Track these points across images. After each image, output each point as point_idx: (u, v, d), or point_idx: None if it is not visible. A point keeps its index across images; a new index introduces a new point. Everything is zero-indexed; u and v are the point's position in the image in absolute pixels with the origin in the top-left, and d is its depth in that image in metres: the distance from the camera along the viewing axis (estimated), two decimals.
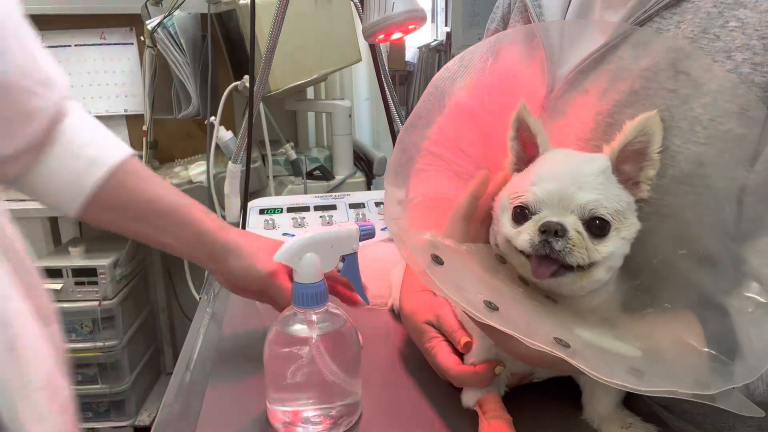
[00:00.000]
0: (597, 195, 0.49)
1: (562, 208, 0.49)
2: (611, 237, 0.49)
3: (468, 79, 0.62)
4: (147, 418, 2.11)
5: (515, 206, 0.52)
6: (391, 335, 0.78)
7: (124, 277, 2.02)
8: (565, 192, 0.49)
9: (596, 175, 0.50)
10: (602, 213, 0.48)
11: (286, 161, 1.88)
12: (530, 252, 0.50)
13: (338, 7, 1.73)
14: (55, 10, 1.99)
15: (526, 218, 0.50)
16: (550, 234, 0.48)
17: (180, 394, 0.64)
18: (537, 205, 0.50)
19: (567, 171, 0.50)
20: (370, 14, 0.80)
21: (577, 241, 0.48)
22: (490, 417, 0.56)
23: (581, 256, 0.48)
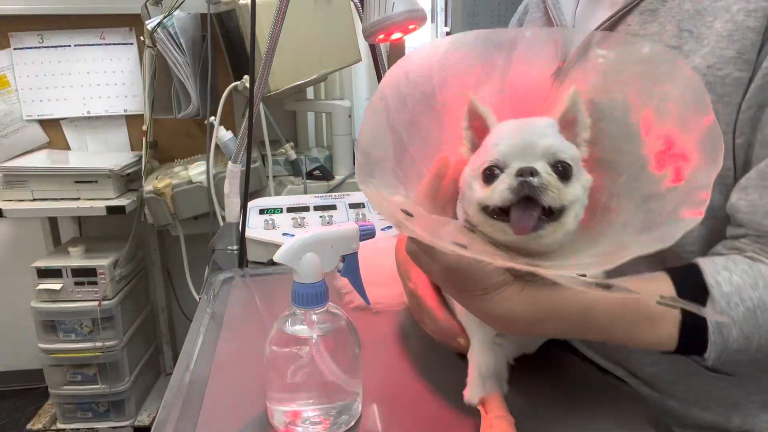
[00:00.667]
0: (556, 140, 0.53)
1: (528, 157, 0.52)
2: (573, 182, 0.53)
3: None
4: (147, 418, 2.11)
5: (485, 168, 0.54)
6: (391, 335, 0.78)
7: (123, 277, 2.02)
8: (527, 141, 0.53)
9: (549, 126, 0.55)
10: (564, 157, 0.52)
11: (286, 161, 1.88)
12: (510, 199, 0.51)
13: (338, 7, 1.73)
14: (55, 10, 2.00)
15: (497, 176, 0.53)
16: (526, 174, 0.51)
17: (180, 394, 0.64)
18: (505, 159, 0.53)
19: (523, 126, 0.55)
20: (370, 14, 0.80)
21: (550, 180, 0.51)
22: (494, 417, 0.57)
23: (554, 197, 0.50)
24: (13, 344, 2.36)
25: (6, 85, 2.07)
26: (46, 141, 2.14)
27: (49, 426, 2.10)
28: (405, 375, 0.68)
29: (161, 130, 2.09)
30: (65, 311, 1.94)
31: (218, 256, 1.11)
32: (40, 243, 2.17)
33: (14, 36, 2.05)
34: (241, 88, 1.62)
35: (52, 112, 2.11)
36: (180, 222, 1.85)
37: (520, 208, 0.51)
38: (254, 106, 1.05)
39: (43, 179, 1.89)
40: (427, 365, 0.69)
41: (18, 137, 2.11)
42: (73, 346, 1.97)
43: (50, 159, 2.05)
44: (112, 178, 1.88)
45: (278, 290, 0.94)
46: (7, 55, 2.06)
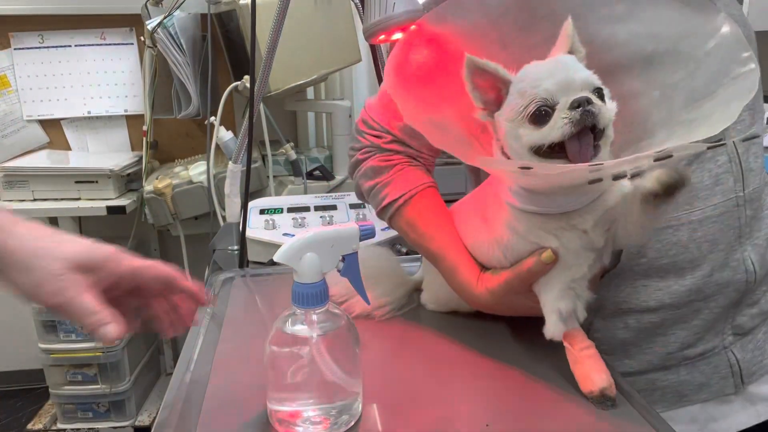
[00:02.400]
0: (588, 72, 0.57)
1: (571, 90, 0.55)
2: (607, 99, 0.57)
3: None
4: (147, 418, 2.11)
5: (534, 110, 0.56)
6: (390, 336, 0.78)
7: None
8: (567, 77, 0.56)
9: (576, 62, 0.58)
10: (599, 83, 0.57)
11: (286, 161, 1.88)
12: (571, 132, 0.54)
13: (338, 7, 1.73)
14: (55, 10, 2.00)
15: (548, 115, 0.55)
16: (584, 105, 0.53)
17: (180, 394, 0.64)
18: (553, 96, 0.55)
19: (554, 66, 0.57)
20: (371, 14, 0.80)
21: (600, 104, 0.55)
22: (578, 350, 0.60)
23: (608, 115, 0.55)
24: (14, 344, 2.36)
25: (6, 85, 2.07)
26: (47, 141, 2.14)
27: (49, 426, 2.10)
28: (405, 375, 0.68)
29: (161, 130, 2.09)
30: None
31: (219, 257, 1.12)
32: None
33: (15, 36, 2.05)
34: (241, 88, 1.62)
35: (53, 112, 2.12)
36: (180, 222, 1.85)
37: (575, 141, 0.54)
38: (254, 106, 1.06)
39: (44, 179, 1.89)
40: (428, 365, 0.69)
41: (18, 137, 2.11)
42: (73, 346, 1.97)
43: (51, 159, 2.05)
44: (112, 178, 1.88)
45: (278, 290, 0.94)
46: (8, 55, 2.06)
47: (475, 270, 0.68)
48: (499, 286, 0.64)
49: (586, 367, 0.60)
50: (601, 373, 0.59)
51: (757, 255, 0.73)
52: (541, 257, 0.59)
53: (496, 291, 0.65)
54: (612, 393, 0.59)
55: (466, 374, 0.67)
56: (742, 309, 0.75)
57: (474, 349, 0.71)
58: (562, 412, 0.60)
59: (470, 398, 0.64)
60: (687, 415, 0.76)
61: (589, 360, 0.60)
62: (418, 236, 0.74)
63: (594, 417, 0.58)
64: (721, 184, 0.71)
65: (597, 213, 0.58)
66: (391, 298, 0.79)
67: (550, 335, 0.62)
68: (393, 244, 1.09)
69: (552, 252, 0.59)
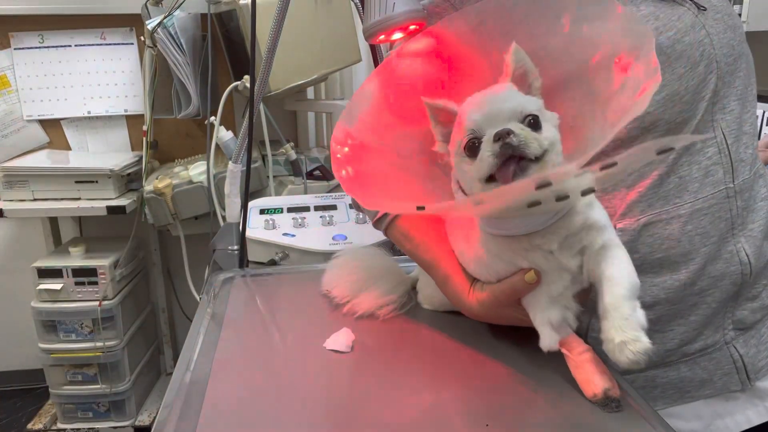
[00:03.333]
0: (521, 99, 0.58)
1: (499, 121, 0.56)
2: (545, 128, 0.57)
3: None
4: (147, 418, 2.11)
5: (467, 143, 0.58)
6: (389, 335, 0.78)
7: (124, 277, 2.03)
8: (495, 108, 0.57)
9: (509, 90, 0.59)
10: (531, 110, 0.57)
11: (286, 161, 1.88)
12: (495, 160, 0.55)
13: (338, 7, 1.73)
14: (55, 10, 2.00)
15: (478, 148, 0.57)
16: (504, 137, 0.54)
17: (180, 394, 0.64)
18: (480, 128, 0.57)
19: (485, 97, 0.59)
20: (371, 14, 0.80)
21: (526, 134, 0.55)
22: (577, 354, 0.61)
23: (535, 146, 0.55)
24: (14, 344, 2.37)
25: (6, 85, 2.08)
26: (47, 141, 2.14)
27: (49, 426, 2.10)
28: (405, 375, 0.68)
29: (161, 130, 2.09)
30: (66, 311, 1.94)
31: (219, 256, 1.11)
32: (40, 243, 2.18)
33: (15, 36, 2.05)
34: (241, 88, 1.62)
35: (53, 112, 2.12)
36: (180, 222, 1.85)
37: (502, 169, 0.55)
38: (254, 106, 1.05)
39: (44, 179, 1.89)
40: (427, 365, 0.69)
41: (18, 137, 2.11)
42: (73, 346, 1.97)
43: (51, 159, 2.05)
44: (112, 178, 1.88)
45: (278, 290, 0.94)
46: (8, 55, 2.06)
47: (466, 281, 0.69)
48: (488, 298, 0.66)
49: (587, 371, 0.60)
50: (602, 375, 0.59)
51: (752, 246, 0.73)
52: (524, 277, 0.61)
53: (485, 302, 0.66)
54: (615, 394, 0.58)
55: (466, 374, 0.67)
56: (742, 303, 0.75)
57: (474, 348, 0.71)
58: (562, 412, 0.60)
59: (470, 398, 0.64)
60: (691, 412, 0.76)
61: (589, 364, 0.60)
62: (412, 247, 0.76)
63: (594, 417, 0.58)
64: (710, 176, 0.70)
65: (560, 235, 0.59)
66: (393, 296, 0.80)
67: (546, 347, 0.62)
68: (393, 245, 1.09)
69: (534, 273, 0.60)
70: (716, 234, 0.71)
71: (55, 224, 2.18)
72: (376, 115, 0.71)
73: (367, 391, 0.61)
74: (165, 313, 2.36)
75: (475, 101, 0.60)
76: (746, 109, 0.74)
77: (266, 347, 0.76)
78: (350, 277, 0.83)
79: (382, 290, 0.80)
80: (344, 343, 0.72)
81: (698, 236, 0.71)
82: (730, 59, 0.71)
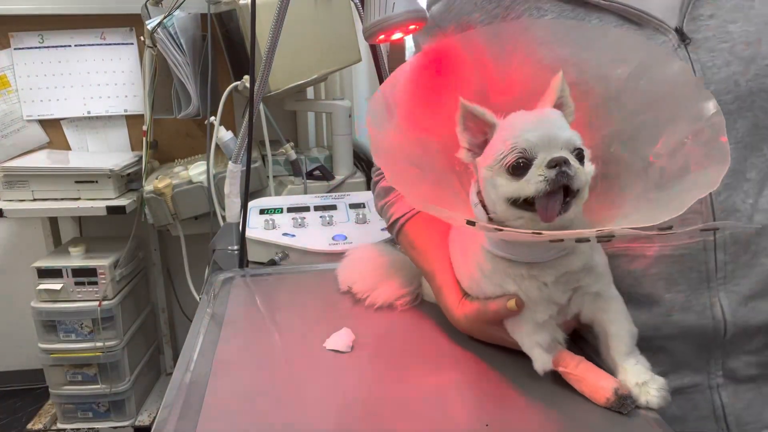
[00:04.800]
0: (572, 132, 0.58)
1: (552, 148, 0.56)
2: (586, 162, 0.58)
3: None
4: (147, 418, 2.11)
5: (513, 161, 0.56)
6: (390, 334, 0.78)
7: (124, 277, 2.02)
8: (550, 134, 0.56)
9: (562, 119, 0.59)
10: (580, 144, 0.57)
11: (286, 161, 1.88)
12: (548, 188, 0.54)
13: (338, 7, 1.73)
14: (55, 10, 2.00)
15: (526, 168, 0.56)
16: (561, 165, 0.54)
17: (180, 394, 0.64)
18: (532, 150, 0.56)
19: (541, 120, 0.58)
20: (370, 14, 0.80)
21: (578, 166, 0.55)
22: (574, 367, 0.60)
23: (584, 178, 0.55)
24: (14, 344, 2.37)
25: (6, 85, 2.07)
26: (47, 141, 2.14)
27: (49, 426, 2.10)
28: (405, 374, 0.68)
29: (161, 130, 2.09)
30: (65, 311, 1.94)
31: (218, 256, 1.11)
32: (40, 243, 2.18)
33: (15, 36, 2.05)
34: (241, 88, 1.62)
35: (53, 112, 2.12)
36: (180, 222, 1.85)
37: (544, 198, 0.55)
38: (254, 106, 1.05)
39: (44, 179, 1.89)
40: (428, 364, 0.69)
41: (18, 137, 2.11)
42: (73, 346, 1.97)
43: (50, 159, 2.05)
44: (112, 178, 1.88)
45: (278, 290, 0.94)
46: (8, 55, 2.06)
47: (457, 294, 0.69)
48: (473, 313, 0.66)
49: (590, 381, 0.59)
50: (606, 378, 0.59)
51: (733, 303, 0.66)
52: (507, 303, 0.61)
53: (470, 317, 0.67)
54: (625, 391, 0.58)
55: (467, 374, 0.67)
56: (736, 354, 0.69)
57: (474, 348, 0.71)
58: (562, 412, 0.60)
59: (470, 398, 0.64)
60: None
61: (589, 373, 0.60)
62: (416, 254, 0.78)
63: (594, 416, 0.58)
64: (687, 225, 0.63)
65: (559, 270, 0.59)
66: (409, 288, 0.83)
67: (541, 369, 0.61)
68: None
69: (516, 302, 0.60)
70: (685, 283, 0.67)
71: (55, 224, 2.18)
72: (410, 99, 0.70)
73: (367, 391, 0.61)
74: (165, 313, 2.36)
75: (529, 120, 0.58)
76: (753, 153, 0.66)
77: (266, 347, 0.76)
78: (367, 272, 0.85)
79: (398, 283, 0.82)
80: (344, 343, 0.72)
81: (662, 281, 0.67)
82: (728, 96, 0.65)
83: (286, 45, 1.19)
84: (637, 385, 0.59)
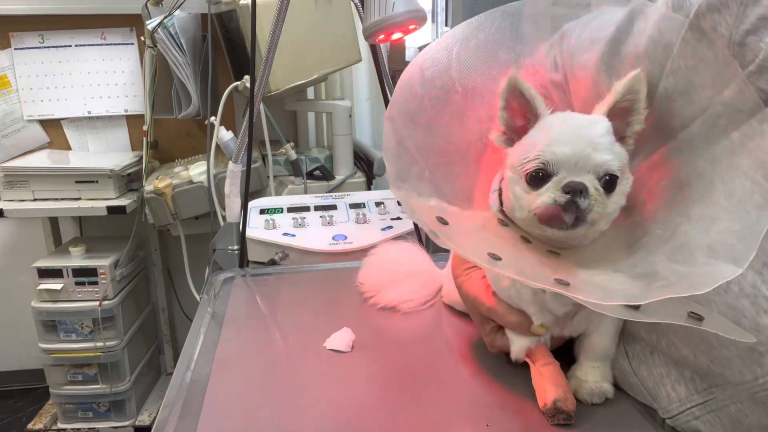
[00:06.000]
0: (610, 155, 0.51)
1: (578, 169, 0.51)
2: (616, 192, 0.52)
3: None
4: (147, 418, 2.11)
5: (532, 170, 0.53)
6: (391, 334, 0.78)
7: (124, 277, 2.03)
8: (581, 154, 0.51)
9: (605, 136, 0.52)
10: (614, 170, 0.51)
11: (286, 161, 1.88)
12: (552, 210, 0.52)
13: (338, 7, 1.73)
14: (55, 10, 2.00)
15: (545, 181, 0.52)
16: (575, 194, 0.50)
17: (180, 394, 0.64)
18: (555, 166, 0.52)
19: (579, 134, 0.52)
20: (370, 14, 0.80)
21: (596, 197, 0.51)
22: (540, 365, 0.60)
23: (597, 212, 0.51)
24: (14, 344, 2.37)
25: (7, 85, 2.07)
26: (47, 141, 2.14)
27: (49, 426, 2.10)
28: (405, 374, 0.68)
29: (162, 130, 2.09)
30: (66, 311, 1.94)
31: (219, 256, 1.11)
32: (40, 243, 2.18)
33: (15, 36, 2.05)
34: (241, 88, 1.62)
35: (53, 112, 2.12)
36: (181, 222, 1.85)
37: (559, 209, 0.52)
38: (254, 106, 1.06)
39: (44, 179, 1.89)
40: (428, 364, 0.69)
41: (19, 137, 2.11)
42: (73, 346, 1.97)
43: (51, 159, 2.05)
44: (112, 178, 1.88)
45: (278, 290, 0.94)
46: (8, 55, 2.06)
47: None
48: (470, 294, 0.66)
49: (542, 382, 0.59)
50: (555, 387, 0.57)
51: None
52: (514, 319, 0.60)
53: (465, 293, 0.67)
54: (566, 407, 0.55)
55: (467, 374, 0.67)
56: None
57: (474, 349, 0.71)
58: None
59: (470, 398, 0.64)
60: None
61: (547, 375, 0.59)
62: None
63: (594, 417, 0.58)
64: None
65: None
66: (418, 294, 0.83)
67: (514, 356, 0.62)
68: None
69: (536, 328, 0.59)
70: None
71: (55, 224, 2.18)
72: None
73: (367, 391, 0.61)
74: (165, 313, 2.36)
75: (566, 129, 0.53)
76: None
77: (266, 347, 0.76)
78: (381, 273, 0.86)
79: (409, 288, 0.82)
80: (344, 342, 0.72)
81: None
82: None
83: (286, 45, 1.19)
84: (577, 378, 0.59)
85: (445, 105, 0.62)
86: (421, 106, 0.61)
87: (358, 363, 0.70)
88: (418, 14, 0.82)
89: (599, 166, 0.51)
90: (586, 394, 0.59)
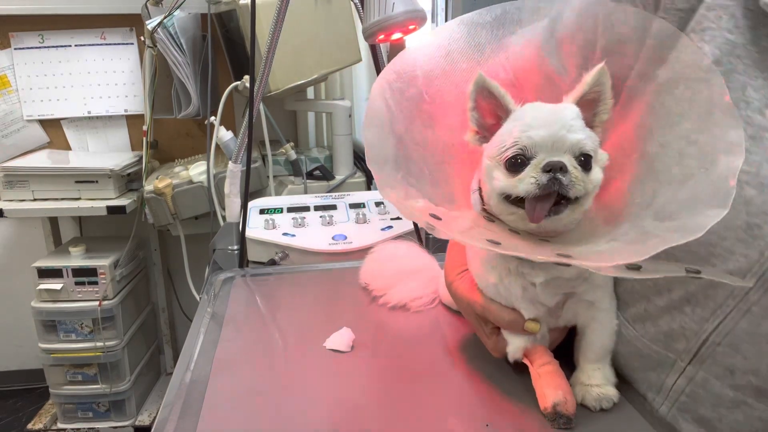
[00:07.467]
0: (582, 135, 0.54)
1: (555, 150, 0.53)
2: (594, 169, 0.55)
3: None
4: (147, 418, 2.11)
5: (511, 156, 0.54)
6: (392, 333, 0.78)
7: (124, 277, 2.03)
8: (557, 134, 0.53)
9: (576, 119, 0.55)
10: (588, 149, 0.54)
11: (286, 161, 1.88)
12: (538, 192, 0.52)
13: (338, 7, 1.73)
14: (55, 10, 2.00)
15: (524, 165, 0.54)
16: (556, 171, 0.52)
17: (180, 394, 0.64)
18: (533, 149, 0.53)
19: (553, 118, 0.54)
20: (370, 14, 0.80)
21: (576, 174, 0.53)
22: (539, 365, 0.59)
23: (580, 188, 0.53)
24: (14, 344, 2.37)
25: (6, 85, 2.08)
26: (47, 141, 2.14)
27: (49, 426, 2.10)
28: (405, 373, 0.68)
29: (162, 130, 2.09)
30: (66, 311, 1.94)
31: (219, 256, 1.12)
32: (40, 243, 2.18)
33: (15, 36, 2.05)
34: (241, 88, 1.62)
35: (53, 112, 2.12)
36: (180, 222, 1.85)
37: (533, 199, 0.53)
38: (254, 106, 1.06)
39: (44, 179, 1.89)
40: (428, 364, 0.69)
41: (19, 137, 2.11)
42: (73, 346, 1.97)
43: (51, 159, 2.05)
44: (112, 178, 1.88)
45: (278, 290, 0.94)
46: (8, 55, 2.06)
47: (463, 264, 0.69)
48: (463, 293, 0.66)
49: (542, 384, 0.58)
50: (555, 389, 0.57)
51: None
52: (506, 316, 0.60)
53: (458, 293, 0.67)
54: (565, 410, 0.56)
55: (467, 374, 0.67)
56: None
57: (474, 349, 0.71)
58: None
59: (470, 398, 0.64)
60: None
61: (547, 376, 0.58)
62: None
63: (593, 418, 0.58)
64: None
65: (551, 273, 0.57)
66: (426, 291, 0.83)
67: (511, 356, 0.62)
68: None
69: (530, 326, 0.59)
70: None
71: (55, 224, 2.18)
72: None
73: (367, 391, 0.61)
74: (165, 313, 2.36)
75: (539, 115, 0.55)
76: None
77: (266, 347, 0.76)
78: (387, 271, 0.86)
79: (417, 285, 0.83)
80: (344, 342, 0.72)
81: None
82: None
83: (286, 45, 1.19)
84: (582, 384, 0.60)
85: (417, 112, 0.63)
86: (394, 116, 0.63)
87: (358, 363, 0.70)
88: (418, 14, 0.82)
89: (575, 145, 0.53)
90: (594, 400, 0.59)
